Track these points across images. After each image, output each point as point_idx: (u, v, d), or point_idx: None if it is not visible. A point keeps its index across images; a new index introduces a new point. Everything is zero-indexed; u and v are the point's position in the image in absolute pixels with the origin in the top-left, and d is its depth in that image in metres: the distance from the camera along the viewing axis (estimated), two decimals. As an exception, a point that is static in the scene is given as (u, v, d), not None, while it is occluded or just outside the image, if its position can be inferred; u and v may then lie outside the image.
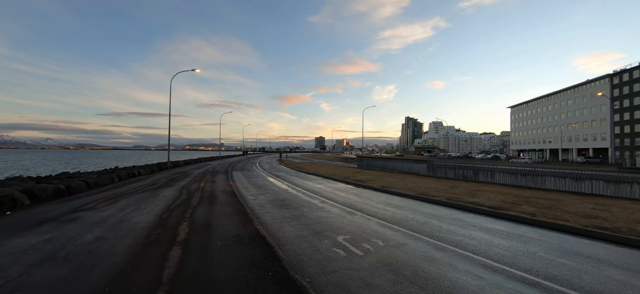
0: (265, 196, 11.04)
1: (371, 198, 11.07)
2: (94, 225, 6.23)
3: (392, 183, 15.26)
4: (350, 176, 19.28)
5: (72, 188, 12.05)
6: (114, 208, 8.12)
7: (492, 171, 23.30)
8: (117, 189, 12.45)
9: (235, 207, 8.38)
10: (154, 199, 9.70)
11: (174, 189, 12.55)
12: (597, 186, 13.27)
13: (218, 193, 11.35)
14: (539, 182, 15.86)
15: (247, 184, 15.21)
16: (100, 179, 14.87)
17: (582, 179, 13.92)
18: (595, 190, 13.10)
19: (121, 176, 17.37)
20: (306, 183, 15.91)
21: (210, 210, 7.94)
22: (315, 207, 9.06)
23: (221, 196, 10.54)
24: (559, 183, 14.90)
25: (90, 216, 7.08)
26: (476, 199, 10.42)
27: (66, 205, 8.82)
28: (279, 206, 9.02)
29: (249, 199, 10.22)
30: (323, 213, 8.13)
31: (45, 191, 10.56)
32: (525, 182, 16.54)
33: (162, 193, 11.19)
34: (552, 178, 15.44)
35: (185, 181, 16.03)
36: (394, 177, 19.48)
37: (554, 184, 15.19)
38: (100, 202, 9.24)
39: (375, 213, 8.30)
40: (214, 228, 6.00)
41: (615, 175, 13.06)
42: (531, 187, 15.46)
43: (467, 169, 24.75)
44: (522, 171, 17.49)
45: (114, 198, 9.94)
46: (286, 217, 7.44)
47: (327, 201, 10.15)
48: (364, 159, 31.67)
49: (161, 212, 7.63)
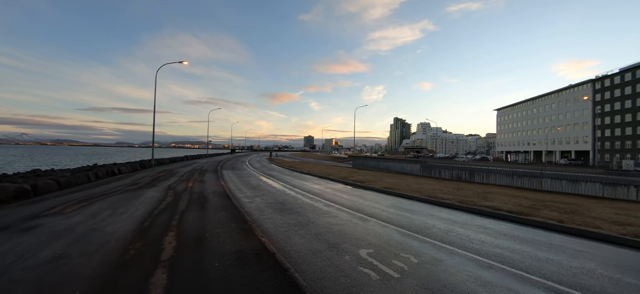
0: (262, 199, 9.94)
1: (378, 201, 10.18)
2: (55, 236, 5.01)
3: (394, 184, 14.47)
4: (347, 176, 18.38)
5: (40, 188, 10.55)
6: (84, 213, 6.85)
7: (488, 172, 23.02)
8: (93, 190, 11.03)
9: (231, 213, 7.27)
10: (135, 202, 8.44)
11: (159, 189, 11.25)
12: (592, 188, 13.17)
13: (209, 195, 10.16)
14: (536, 183, 15.74)
15: (240, 184, 14.03)
16: (75, 178, 13.32)
17: (579, 181, 13.87)
18: (590, 192, 13.04)
19: (99, 175, 15.78)
20: (303, 184, 14.88)
21: (202, 216, 6.81)
22: (321, 211, 8.07)
23: (213, 199, 9.37)
24: (556, 185, 14.80)
25: (53, 224, 5.81)
26: (490, 202, 9.73)
27: (28, 209, 7.44)
28: (280, 211, 7.97)
29: (244, 202, 9.10)
30: (332, 219, 7.16)
31: (5, 191, 9.06)
32: (522, 183, 16.42)
33: (145, 194, 9.90)
34: (549, 180, 15.33)
35: (170, 180, 14.66)
36: (393, 178, 18.73)
37: (551, 185, 15.12)
38: (69, 205, 7.90)
39: (388, 218, 7.39)
40: (208, 241, 4.90)
41: (612, 178, 13.01)
42: (533, 189, 15.20)
43: (462, 169, 24.41)
44: (519, 172, 17.34)
45: (87, 200, 8.59)
46: (292, 225, 6.41)
47: (332, 205, 9.18)
48: (359, 158, 30.90)
49: (142, 218, 6.44)
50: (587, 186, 13.52)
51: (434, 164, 27.61)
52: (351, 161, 45.53)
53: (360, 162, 29.71)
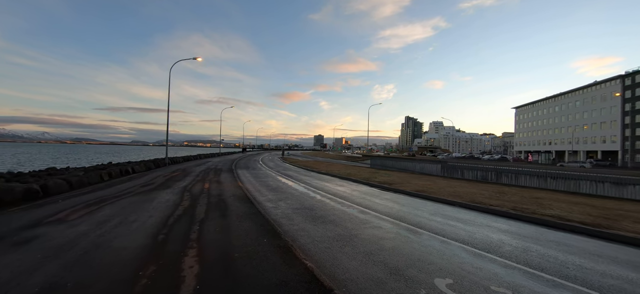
0: (286, 203, 8.89)
1: (417, 207, 8.97)
2: (52, 254, 4.08)
3: (424, 187, 13.19)
4: (370, 177, 17.18)
5: (49, 188, 9.85)
6: (91, 221, 5.95)
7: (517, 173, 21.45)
8: (104, 191, 10.26)
9: (257, 222, 6.23)
10: (148, 207, 7.53)
11: (173, 191, 10.38)
12: None
13: (228, 198, 9.19)
14: (572, 186, 14.37)
15: (259, 185, 13.05)
16: (87, 177, 12.67)
17: (625, 184, 12.50)
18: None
19: (112, 174, 15.16)
20: (326, 185, 13.78)
21: (225, 227, 5.79)
22: (359, 220, 6.94)
23: (233, 203, 8.38)
24: (597, 188, 13.45)
25: (53, 236, 4.92)
26: (550, 210, 8.36)
27: (31, 214, 6.64)
28: (312, 219, 6.89)
29: (268, 208, 8.07)
30: (376, 231, 6.02)
31: (11, 192, 8.35)
32: (556, 185, 15.15)
33: (159, 197, 9.01)
34: (587, 182, 14.00)
35: (185, 180, 13.84)
36: (418, 179, 17.41)
37: (589, 188, 13.81)
38: (76, 209, 7.06)
39: (442, 231, 6.19)
40: (239, 265, 3.85)
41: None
42: (570, 192, 13.86)
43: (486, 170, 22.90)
44: (553, 173, 15.98)
45: (96, 204, 7.75)
46: (332, 239, 5.31)
47: (367, 211, 8.03)
48: (377, 158, 29.60)
49: (156, 229, 5.48)
50: (637, 190, 12.10)
51: (456, 164, 26.13)
52: (366, 160, 44.24)
53: (378, 162, 28.39)
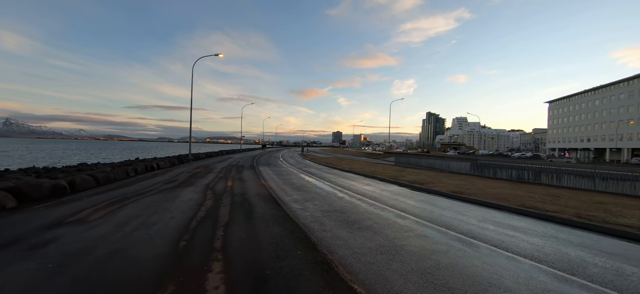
0: (314, 204, 8.21)
1: (459, 211, 7.96)
2: (65, 263, 3.64)
3: (460, 187, 12.04)
4: (397, 175, 16.16)
5: (77, 185, 9.84)
6: (111, 222, 5.58)
7: (559, 172, 19.58)
8: (129, 188, 10.11)
9: (286, 227, 5.58)
10: (170, 206, 7.13)
11: (196, 189, 10.03)
12: None
13: (252, 198, 8.66)
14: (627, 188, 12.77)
15: (282, 184, 12.50)
16: (114, 173, 12.72)
17: None
18: None
19: (138, 170, 15.27)
20: (352, 184, 12.99)
21: (252, 233, 5.19)
22: (399, 227, 6.11)
23: (258, 204, 7.82)
24: None
25: (70, 239, 4.53)
26: (623, 219, 7.07)
27: (53, 212, 6.41)
28: (345, 224, 6.14)
29: (296, 209, 7.42)
30: (423, 241, 5.17)
31: (38, 189, 8.30)
32: (606, 187, 13.42)
33: (181, 196, 8.65)
34: None
35: (208, 177, 13.58)
36: (450, 178, 16.17)
37: None
38: (99, 208, 6.78)
39: (503, 243, 5.23)
40: (272, 286, 3.19)
41: None
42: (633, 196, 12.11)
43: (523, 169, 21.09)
44: (603, 174, 14.23)
45: (118, 202, 7.48)
46: (374, 251, 4.54)
47: (405, 216, 7.16)
48: (403, 155, 28.34)
49: (177, 234, 4.97)
50: None
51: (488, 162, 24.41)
52: (387, 157, 42.84)
53: (403, 159, 27.12)
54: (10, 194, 7.55)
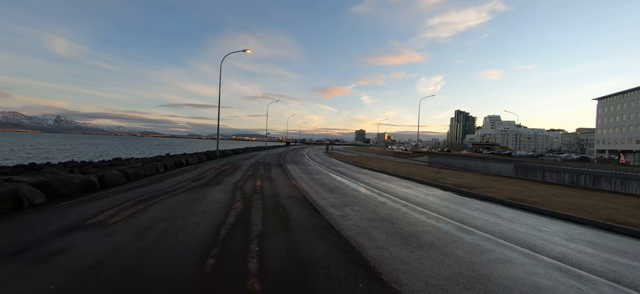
0: (355, 211, 7.15)
1: (535, 226, 6.50)
2: (70, 284, 2.92)
3: (517, 194, 10.39)
4: (436, 177, 14.63)
5: (106, 180, 9.59)
6: (133, 226, 4.93)
7: (624, 178, 17.05)
8: (156, 185, 9.70)
9: (332, 242, 4.58)
10: (196, 209, 6.44)
11: (224, 189, 9.38)
12: None
13: (285, 201, 7.79)
14: None
15: (313, 183, 11.57)
16: (144, 169, 12.57)
17: None
18: None
19: (167, 166, 15.14)
20: (389, 186, 11.75)
21: (292, 249, 4.24)
22: (471, 247, 4.87)
23: (293, 209, 6.92)
24: None
25: (84, 247, 3.88)
26: None
27: (76, 211, 5.94)
28: (401, 240, 5.02)
29: (336, 217, 6.40)
30: (516, 271, 3.90)
31: (68, 184, 8.03)
32: None
33: (209, 196, 7.99)
34: None
35: (236, 175, 13.01)
36: (495, 182, 14.35)
37: None
38: (123, 208, 6.24)
39: (626, 279, 3.86)
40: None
41: None
42: None
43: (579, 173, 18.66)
44: None
45: (144, 202, 6.93)
46: (453, 283, 3.39)
47: (470, 230, 5.88)
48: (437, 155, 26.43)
49: (204, 247, 4.16)
50: None
51: (533, 165, 22.00)
52: (416, 156, 40.64)
53: (437, 159, 25.20)
54: (40, 190, 7.30)
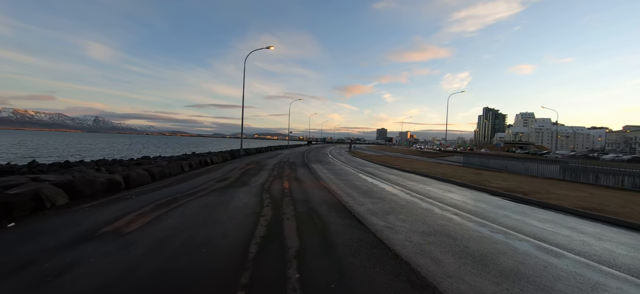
0: (401, 220, 6.10)
1: (636, 247, 5.12)
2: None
3: (585, 200, 8.76)
4: (479, 180, 13.10)
5: (131, 180, 9.27)
6: (151, 236, 4.27)
7: None
8: (180, 185, 9.24)
9: (390, 267, 3.60)
10: (222, 215, 5.73)
11: (251, 191, 8.68)
12: None
13: (319, 207, 6.90)
14: None
15: (344, 185, 10.61)
16: (169, 168, 12.30)
17: None
18: None
19: (192, 165, 14.89)
20: (427, 189, 10.52)
21: (341, 274, 3.31)
22: (569, 277, 3.70)
23: (330, 217, 6.01)
24: None
25: (90, 269, 3.22)
26: None
27: (95, 215, 5.44)
28: (475, 264, 3.92)
29: (381, 228, 5.41)
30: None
31: (92, 184, 7.69)
32: None
33: (235, 199, 7.30)
34: None
35: (261, 176, 12.37)
36: (550, 186, 12.55)
37: None
38: (144, 213, 5.66)
39: None
40: None
41: None
42: None
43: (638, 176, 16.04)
44: None
45: (166, 205, 6.35)
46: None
47: (559, 252, 4.63)
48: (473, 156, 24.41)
49: (232, 268, 3.36)
50: None
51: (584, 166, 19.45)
52: (445, 156, 38.34)
53: (472, 160, 23.24)
54: (63, 190, 6.98)
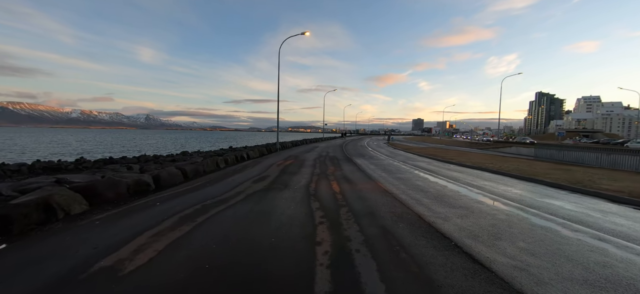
0: (517, 247, 4.00)
1: None
2: None
3: None
4: (581, 181, 10.13)
5: (162, 180, 8.27)
6: (162, 276, 2.82)
7: None
8: (213, 187, 8.01)
9: None
10: (262, 240, 4.17)
11: (294, 196, 7.08)
12: None
13: (390, 223, 5.04)
14: None
15: (405, 187, 8.57)
16: (204, 165, 11.33)
17: None
18: None
19: (228, 161, 13.92)
20: (520, 194, 8.05)
21: None
22: None
23: (413, 241, 4.14)
24: None
25: None
26: None
27: (103, 232, 4.22)
28: None
29: (509, 270, 3.42)
30: None
31: (115, 187, 6.66)
32: None
33: (277, 210, 5.74)
34: None
35: (303, 174, 10.81)
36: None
37: None
38: (161, 233, 4.32)
39: None
40: None
41: None
42: None
43: None
44: None
45: (192, 219, 4.99)
46: None
47: None
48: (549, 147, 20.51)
49: None
50: None
51: None
52: (500, 147, 33.75)
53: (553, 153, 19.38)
54: (83, 195, 6.00)
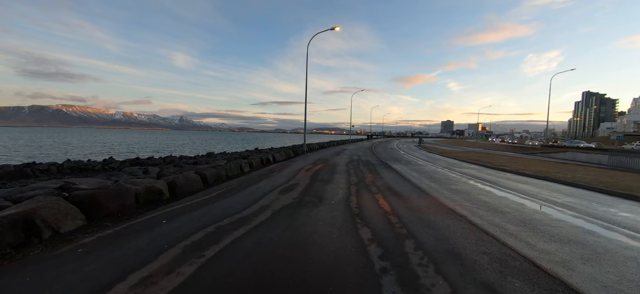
0: None
1: None
2: None
3: None
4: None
5: (178, 187, 7.17)
6: None
7: None
8: (234, 197, 6.76)
9: None
10: (297, 284, 2.71)
11: (333, 217, 5.57)
12: None
13: (494, 275, 3.37)
14: None
15: (469, 204, 6.73)
16: (226, 169, 10.25)
17: None
18: None
19: (253, 164, 12.80)
20: (618, 215, 5.91)
21: None
22: None
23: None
24: None
25: None
26: None
27: (82, 269, 3.01)
28: None
29: None
30: None
31: (121, 197, 5.61)
32: None
33: (312, 243, 4.26)
34: None
35: (337, 182, 9.29)
36: None
37: None
38: (158, 272, 3.04)
39: None
40: None
41: None
42: None
43: None
44: None
45: (199, 249, 3.68)
46: None
47: None
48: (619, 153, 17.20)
49: None
50: None
51: None
52: (550, 152, 29.77)
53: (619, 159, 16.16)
54: (80, 207, 4.98)
